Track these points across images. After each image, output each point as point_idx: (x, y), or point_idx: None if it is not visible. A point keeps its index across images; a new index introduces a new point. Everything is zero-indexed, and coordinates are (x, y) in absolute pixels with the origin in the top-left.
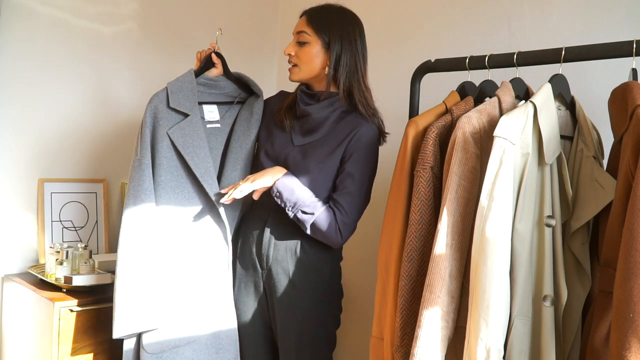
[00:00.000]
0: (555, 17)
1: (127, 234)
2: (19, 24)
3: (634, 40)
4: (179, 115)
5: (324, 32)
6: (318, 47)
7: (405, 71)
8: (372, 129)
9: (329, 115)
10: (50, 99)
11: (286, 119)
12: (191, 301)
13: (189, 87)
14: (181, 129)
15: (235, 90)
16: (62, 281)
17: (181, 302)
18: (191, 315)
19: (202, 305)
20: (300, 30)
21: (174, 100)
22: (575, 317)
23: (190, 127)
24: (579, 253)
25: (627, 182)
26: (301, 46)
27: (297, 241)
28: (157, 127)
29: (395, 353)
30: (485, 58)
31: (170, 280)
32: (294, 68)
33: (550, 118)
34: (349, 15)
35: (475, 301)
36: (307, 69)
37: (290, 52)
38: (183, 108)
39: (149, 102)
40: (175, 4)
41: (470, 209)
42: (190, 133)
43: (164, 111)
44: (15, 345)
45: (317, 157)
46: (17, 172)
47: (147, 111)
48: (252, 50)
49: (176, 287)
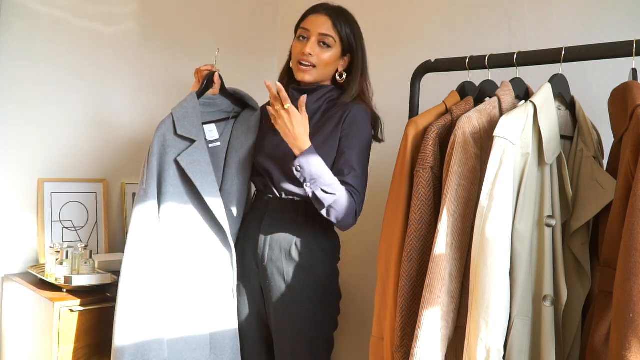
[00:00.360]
0: (555, 17)
1: (130, 263)
2: (19, 24)
3: (634, 40)
4: (185, 141)
5: (346, 39)
6: (338, 53)
7: (405, 71)
8: (362, 107)
9: (321, 104)
10: (50, 99)
11: None
12: (194, 327)
13: (193, 112)
14: (189, 155)
15: (230, 106)
16: (62, 281)
17: (184, 330)
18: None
19: (203, 327)
20: (326, 34)
21: (181, 127)
22: (575, 317)
23: (198, 152)
24: (579, 253)
25: (627, 182)
26: (323, 48)
27: (290, 242)
28: (164, 155)
29: (395, 353)
30: (485, 58)
31: (175, 313)
32: (311, 69)
33: (550, 118)
34: (356, 22)
35: (475, 301)
36: (324, 72)
37: (312, 52)
38: (190, 134)
39: (156, 130)
40: (175, 4)
41: (470, 209)
42: (198, 159)
43: (171, 139)
44: (15, 345)
45: (315, 144)
46: (17, 172)
47: (155, 140)
48: (252, 50)
49: (180, 319)
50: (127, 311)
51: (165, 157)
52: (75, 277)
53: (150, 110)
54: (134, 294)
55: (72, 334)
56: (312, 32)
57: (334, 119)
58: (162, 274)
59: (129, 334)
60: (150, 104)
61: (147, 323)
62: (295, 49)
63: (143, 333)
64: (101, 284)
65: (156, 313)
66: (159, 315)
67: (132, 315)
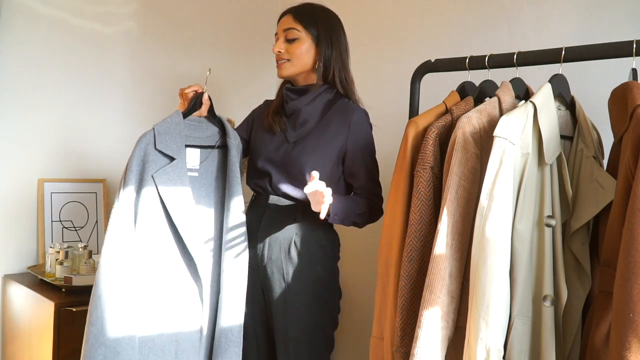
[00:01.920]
0: (555, 17)
1: (103, 281)
2: (19, 24)
3: (634, 40)
4: (165, 158)
5: (312, 27)
6: (309, 42)
7: (405, 71)
8: (362, 112)
9: (318, 105)
10: (50, 99)
11: (275, 123)
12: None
13: (176, 129)
14: (166, 173)
15: (216, 134)
16: (62, 281)
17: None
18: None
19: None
20: (288, 28)
21: (161, 142)
22: (575, 317)
23: (175, 172)
24: (579, 253)
25: (627, 182)
26: (291, 43)
27: (289, 241)
28: (144, 171)
29: (395, 353)
30: (485, 58)
31: (145, 329)
32: (285, 63)
33: (550, 118)
34: (330, 11)
35: (475, 301)
36: (299, 64)
37: (280, 50)
38: (169, 151)
39: (136, 144)
40: (175, 4)
41: (470, 209)
42: (174, 179)
43: (152, 153)
44: (15, 345)
45: (315, 146)
46: (17, 172)
47: (135, 155)
48: (252, 50)
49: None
50: (100, 311)
51: (145, 173)
52: (75, 277)
53: (150, 110)
54: (108, 300)
55: (72, 334)
56: (279, 32)
57: (334, 123)
58: (133, 299)
59: (103, 330)
60: (150, 103)
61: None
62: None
63: (116, 330)
64: None
65: (127, 315)
66: (130, 317)
67: (105, 315)
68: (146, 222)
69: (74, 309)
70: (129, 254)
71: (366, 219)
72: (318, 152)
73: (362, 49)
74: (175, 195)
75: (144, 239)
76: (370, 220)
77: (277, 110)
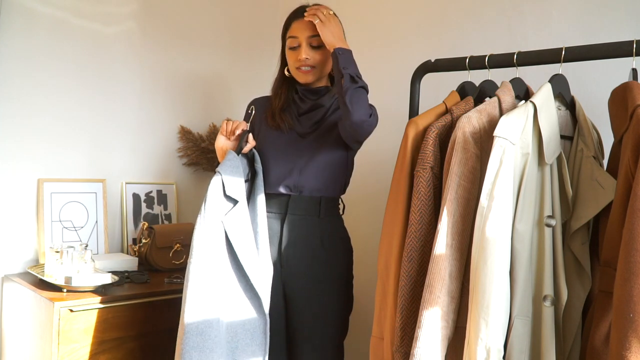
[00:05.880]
0: (555, 17)
1: (197, 260)
2: (19, 23)
3: (634, 40)
4: (230, 202)
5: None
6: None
7: (405, 71)
8: None
9: (333, 103)
10: (50, 99)
11: (283, 122)
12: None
13: (237, 172)
14: (234, 216)
15: (246, 167)
16: (62, 281)
17: None
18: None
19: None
20: (313, 35)
21: (229, 188)
22: (575, 317)
23: (240, 214)
24: (579, 253)
25: (627, 182)
26: (316, 50)
27: (317, 238)
28: (213, 215)
29: (395, 353)
30: (485, 58)
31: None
32: (311, 70)
33: (550, 118)
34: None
35: (475, 301)
36: (324, 70)
37: (308, 57)
38: (235, 195)
39: (207, 190)
40: (175, 4)
41: (470, 209)
42: (240, 221)
43: (220, 198)
44: (15, 345)
45: (332, 137)
46: (17, 172)
47: (208, 201)
48: (252, 51)
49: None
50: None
51: (213, 216)
52: (75, 277)
53: (150, 110)
54: (199, 286)
55: (72, 334)
56: (301, 37)
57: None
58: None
59: (194, 313)
60: (151, 103)
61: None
62: (291, 59)
63: (204, 313)
64: (101, 284)
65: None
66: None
67: (197, 299)
68: (214, 264)
69: (74, 309)
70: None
71: (358, 92)
72: (335, 147)
73: (362, 49)
74: (242, 236)
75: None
76: (360, 100)
77: (284, 109)
